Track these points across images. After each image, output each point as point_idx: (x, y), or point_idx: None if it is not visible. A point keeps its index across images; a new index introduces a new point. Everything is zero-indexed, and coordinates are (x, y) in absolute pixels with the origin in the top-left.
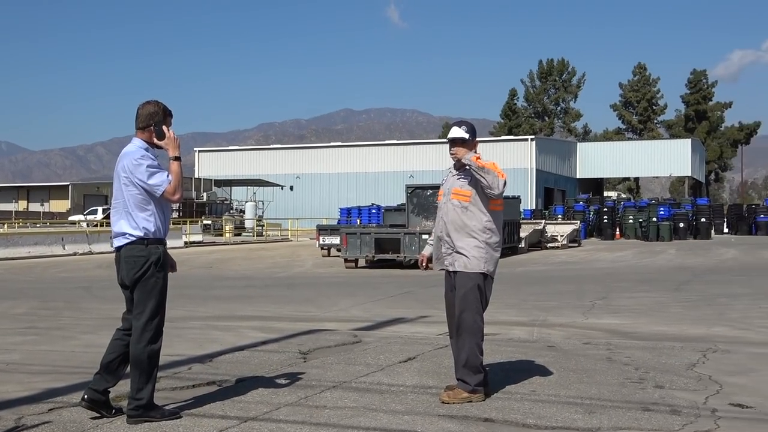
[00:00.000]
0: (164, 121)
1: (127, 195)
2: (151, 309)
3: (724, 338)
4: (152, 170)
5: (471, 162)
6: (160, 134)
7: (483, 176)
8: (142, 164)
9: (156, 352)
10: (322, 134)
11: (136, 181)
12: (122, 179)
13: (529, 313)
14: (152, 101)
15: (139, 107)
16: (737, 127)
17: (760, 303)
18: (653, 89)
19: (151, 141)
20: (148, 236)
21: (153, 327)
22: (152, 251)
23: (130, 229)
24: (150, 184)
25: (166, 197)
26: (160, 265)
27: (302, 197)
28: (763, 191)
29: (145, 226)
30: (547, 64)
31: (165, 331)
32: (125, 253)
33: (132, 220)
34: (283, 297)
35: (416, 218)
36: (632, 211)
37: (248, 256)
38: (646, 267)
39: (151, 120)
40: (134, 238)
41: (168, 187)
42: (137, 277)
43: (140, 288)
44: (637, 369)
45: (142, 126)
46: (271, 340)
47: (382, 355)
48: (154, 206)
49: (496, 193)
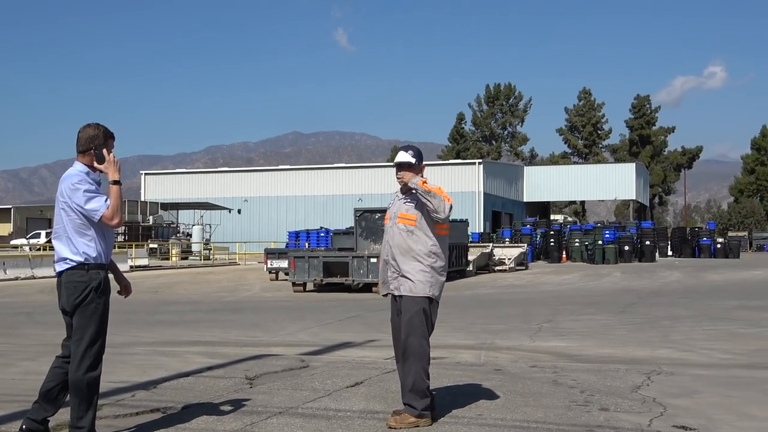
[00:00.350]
0: (105, 144)
1: (66, 219)
2: (91, 335)
3: (669, 360)
4: (90, 195)
5: (417, 186)
6: (100, 158)
7: (429, 200)
8: (79, 189)
9: (96, 379)
10: (270, 157)
11: (74, 206)
12: (61, 204)
13: (476, 337)
14: (92, 124)
15: (80, 130)
16: (680, 151)
17: (703, 325)
18: (598, 114)
19: (92, 164)
20: (88, 261)
21: (93, 354)
22: (93, 277)
23: (71, 254)
24: (87, 209)
25: (104, 222)
26: (100, 291)
27: (250, 221)
28: (705, 214)
29: (86, 251)
30: (494, 89)
31: (108, 357)
32: (65, 279)
33: (72, 245)
34: (230, 321)
35: (365, 242)
36: (578, 235)
37: (195, 280)
38: (591, 290)
39: (91, 143)
40: (74, 264)
41: (106, 212)
42: (77, 303)
43: (80, 314)
44: (582, 392)
45: (83, 149)
46: (217, 366)
47: (329, 380)
48: (95, 231)
49: (442, 218)
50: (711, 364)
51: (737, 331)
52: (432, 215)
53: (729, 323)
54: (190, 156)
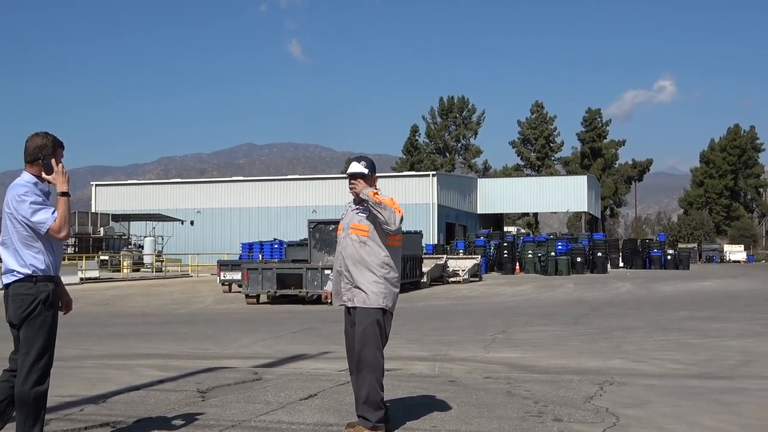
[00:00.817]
0: (54, 154)
1: (12, 231)
2: (39, 349)
3: (621, 371)
4: (36, 207)
5: (368, 197)
6: (48, 168)
7: (380, 211)
8: (25, 200)
9: (43, 394)
10: (223, 169)
11: (20, 218)
12: (7, 215)
13: (430, 348)
14: (41, 133)
15: (28, 139)
16: (630, 164)
17: (654, 335)
18: (550, 127)
19: (40, 175)
20: (36, 274)
21: (40, 367)
22: (41, 289)
23: (18, 266)
24: (33, 222)
25: (52, 235)
26: (48, 304)
27: (203, 232)
28: (656, 226)
29: (33, 263)
30: (448, 102)
31: (56, 370)
32: (13, 291)
33: (19, 256)
34: (182, 334)
35: (319, 253)
36: (531, 246)
37: (147, 292)
38: (545, 301)
39: (39, 153)
40: (22, 276)
41: (53, 225)
42: (24, 316)
43: (27, 327)
44: (536, 402)
45: (30, 160)
46: (168, 379)
47: (282, 393)
48: (42, 243)
49: (392, 229)
50: (662, 374)
51: (688, 342)
52: (383, 227)
53: (680, 333)
54: (142, 167)
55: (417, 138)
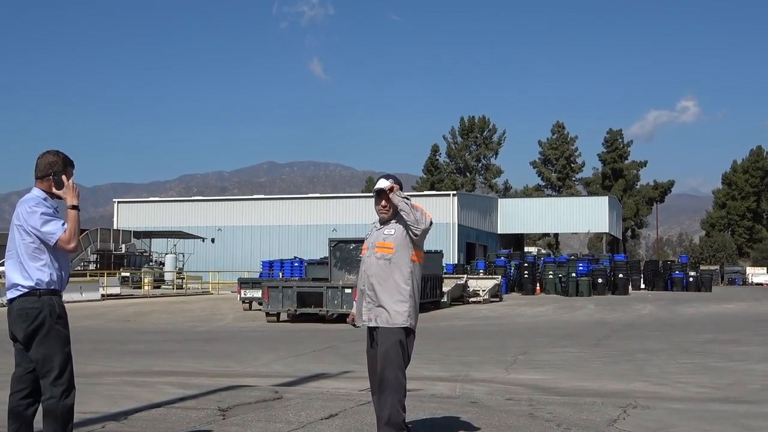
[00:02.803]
0: (65, 171)
1: (20, 243)
2: (59, 364)
3: (644, 394)
4: (47, 218)
5: (400, 198)
6: (59, 184)
7: (412, 211)
8: (36, 211)
9: (70, 408)
10: (244, 187)
11: (30, 229)
12: (16, 227)
13: (451, 368)
14: (52, 151)
15: (39, 157)
16: (652, 185)
17: (677, 358)
18: (571, 147)
19: (50, 191)
20: (40, 287)
21: (64, 381)
22: (45, 303)
23: (22, 279)
24: (43, 232)
25: (61, 246)
26: (57, 316)
27: (224, 250)
28: (677, 248)
29: (39, 276)
30: (469, 121)
31: (78, 387)
32: (17, 306)
33: (24, 270)
34: (202, 352)
35: (339, 272)
36: (552, 267)
37: (167, 309)
38: (566, 322)
39: (50, 169)
40: (26, 290)
41: (63, 236)
42: (31, 331)
43: (42, 344)
44: (559, 425)
45: (41, 175)
46: (189, 397)
47: (303, 412)
48: (49, 256)
49: (423, 227)
50: (686, 398)
51: (711, 365)
52: (411, 227)
53: (703, 357)
54: (163, 184)
55: (438, 157)
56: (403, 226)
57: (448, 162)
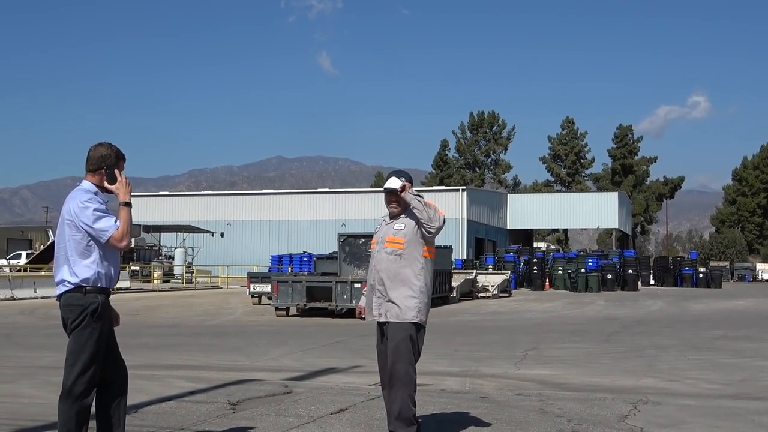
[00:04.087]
0: (116, 165)
1: (69, 239)
2: (85, 361)
3: (654, 390)
4: (99, 214)
5: (414, 196)
6: (111, 178)
7: (425, 209)
8: (88, 207)
9: (86, 409)
10: (254, 181)
11: (81, 225)
12: (66, 222)
13: (461, 364)
14: (105, 143)
15: (91, 149)
16: (662, 181)
17: (688, 354)
18: (581, 143)
19: (102, 185)
20: (86, 284)
21: (86, 381)
22: (90, 300)
23: (69, 275)
24: (96, 229)
25: (113, 243)
26: (97, 315)
27: (233, 244)
28: (687, 244)
29: (85, 273)
30: (478, 116)
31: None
32: (64, 302)
33: (71, 266)
34: (212, 346)
35: (348, 267)
36: (561, 262)
37: (177, 303)
38: (575, 318)
39: (102, 163)
40: (72, 286)
41: (115, 233)
42: (73, 326)
43: (75, 338)
44: (569, 420)
45: (93, 169)
46: (199, 390)
47: (313, 406)
48: (98, 253)
49: (436, 226)
50: (697, 394)
51: (722, 361)
52: (425, 225)
53: (713, 353)
54: (173, 179)
55: (447, 153)
56: (414, 221)
57: (458, 157)
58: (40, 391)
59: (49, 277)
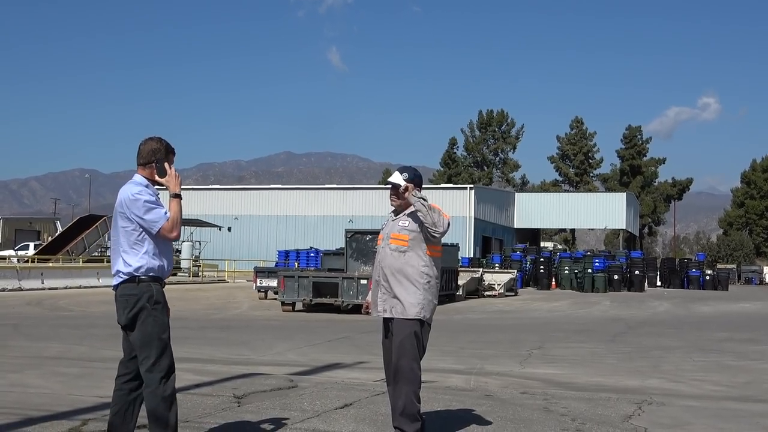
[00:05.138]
0: (166, 159)
1: (122, 231)
2: (157, 349)
3: (659, 390)
4: (150, 205)
5: (418, 199)
6: (161, 171)
7: (429, 213)
8: (139, 199)
9: (172, 393)
10: (261, 176)
11: (133, 216)
12: (119, 215)
13: (466, 361)
14: (155, 138)
15: (142, 143)
16: (670, 182)
17: (693, 356)
18: (589, 143)
19: (152, 178)
20: (139, 274)
21: (164, 367)
22: (144, 289)
23: (123, 267)
24: (147, 220)
25: (163, 234)
26: (154, 301)
27: (240, 239)
28: (694, 246)
29: (138, 264)
30: (487, 115)
31: (96, 371)
32: (119, 293)
33: (125, 257)
34: (218, 339)
35: (355, 263)
36: (568, 262)
37: (183, 296)
38: (581, 318)
39: (152, 156)
40: (126, 277)
41: (165, 224)
42: (131, 317)
43: (139, 330)
44: (573, 420)
45: (144, 162)
46: (204, 383)
47: (318, 401)
48: (149, 244)
49: (440, 231)
50: (701, 396)
51: (727, 363)
52: (429, 229)
53: (719, 355)
54: (181, 172)
55: (455, 151)
56: (418, 221)
57: (466, 155)
58: (46, 381)
59: (56, 269)
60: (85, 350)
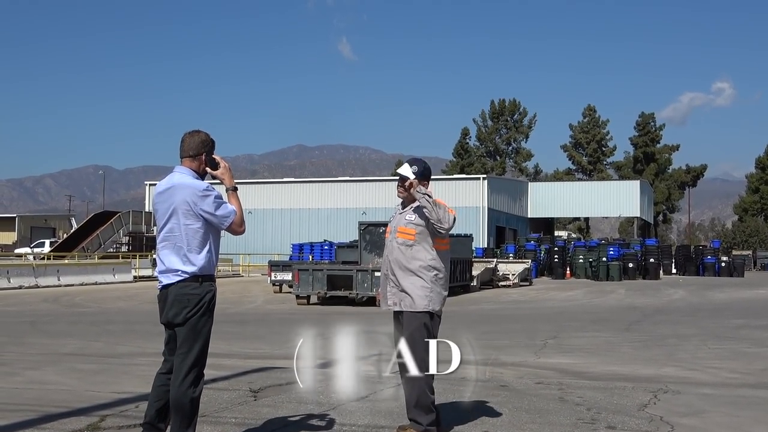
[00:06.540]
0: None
1: (185, 229)
2: (198, 351)
3: (675, 379)
4: (219, 201)
5: (424, 195)
6: (213, 164)
7: (434, 210)
8: (209, 195)
9: (198, 397)
10: (274, 170)
11: (202, 213)
12: (182, 212)
13: (481, 352)
14: (200, 131)
15: (187, 136)
16: (684, 169)
17: (709, 344)
18: (603, 131)
19: (200, 170)
20: (202, 273)
21: (198, 370)
22: (206, 289)
23: (182, 265)
24: (218, 216)
25: (233, 229)
26: (212, 305)
27: (254, 232)
28: (709, 233)
29: (201, 262)
30: (499, 105)
31: (112, 367)
32: (176, 291)
33: (187, 255)
34: (233, 333)
35: (369, 255)
36: (582, 251)
37: None
38: (596, 306)
39: (203, 148)
40: (187, 276)
41: (236, 219)
42: (190, 316)
43: (192, 328)
44: (589, 409)
45: (194, 154)
46: (220, 378)
47: (333, 394)
48: (212, 242)
49: (446, 227)
50: (717, 383)
51: (743, 350)
52: (435, 226)
53: (735, 342)
54: None
55: (468, 141)
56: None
57: (478, 145)
58: (64, 377)
59: (71, 265)
60: (102, 346)
